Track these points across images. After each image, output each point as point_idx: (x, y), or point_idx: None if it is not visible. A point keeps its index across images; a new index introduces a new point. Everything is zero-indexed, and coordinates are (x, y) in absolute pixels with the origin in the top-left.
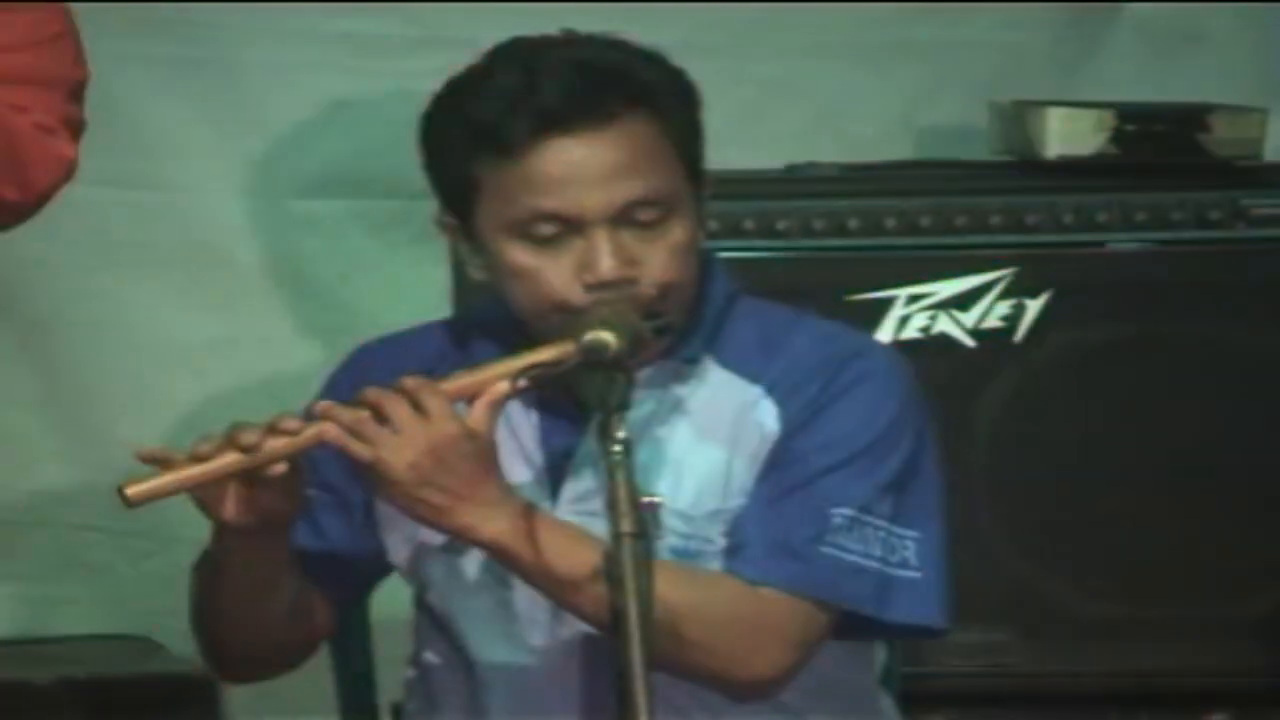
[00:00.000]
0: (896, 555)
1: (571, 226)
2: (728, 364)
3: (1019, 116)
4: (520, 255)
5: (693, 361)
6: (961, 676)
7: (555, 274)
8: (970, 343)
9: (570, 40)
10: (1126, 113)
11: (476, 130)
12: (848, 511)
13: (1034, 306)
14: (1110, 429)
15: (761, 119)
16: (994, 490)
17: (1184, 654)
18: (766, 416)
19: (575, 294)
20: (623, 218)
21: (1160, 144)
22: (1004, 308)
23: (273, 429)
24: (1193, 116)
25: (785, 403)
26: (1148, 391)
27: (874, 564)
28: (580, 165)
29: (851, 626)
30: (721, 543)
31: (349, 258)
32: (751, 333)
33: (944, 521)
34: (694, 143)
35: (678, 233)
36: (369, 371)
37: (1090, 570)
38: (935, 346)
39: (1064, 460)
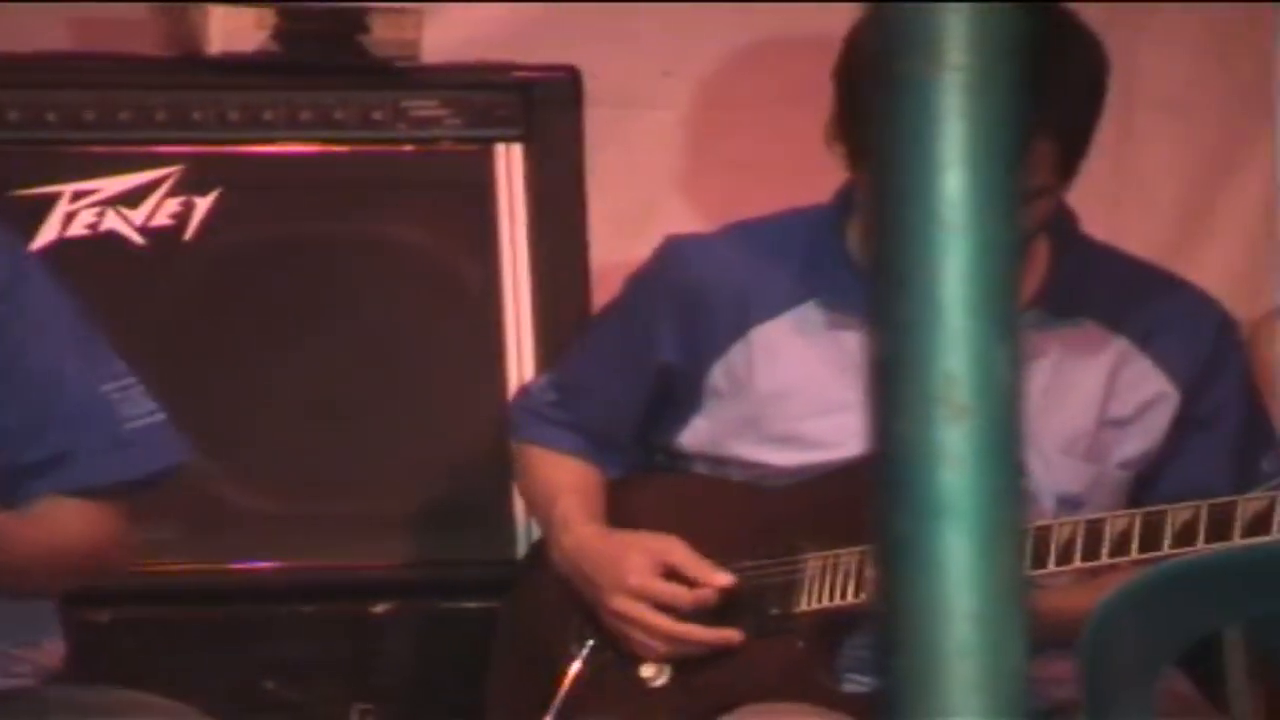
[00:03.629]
0: None
1: None
2: None
3: (182, 12)
4: None
5: None
6: (126, 575)
7: None
8: (140, 240)
9: None
10: (287, 10)
11: None
12: None
13: (203, 204)
14: (281, 327)
15: None
16: (165, 387)
17: (348, 548)
18: None
19: None
20: None
21: (321, 43)
22: (173, 205)
23: None
24: (352, 16)
25: None
26: (317, 290)
27: None
28: None
29: None
30: None
31: None
32: None
33: None
34: None
35: None
36: None
37: (258, 467)
38: (104, 244)
39: (235, 358)
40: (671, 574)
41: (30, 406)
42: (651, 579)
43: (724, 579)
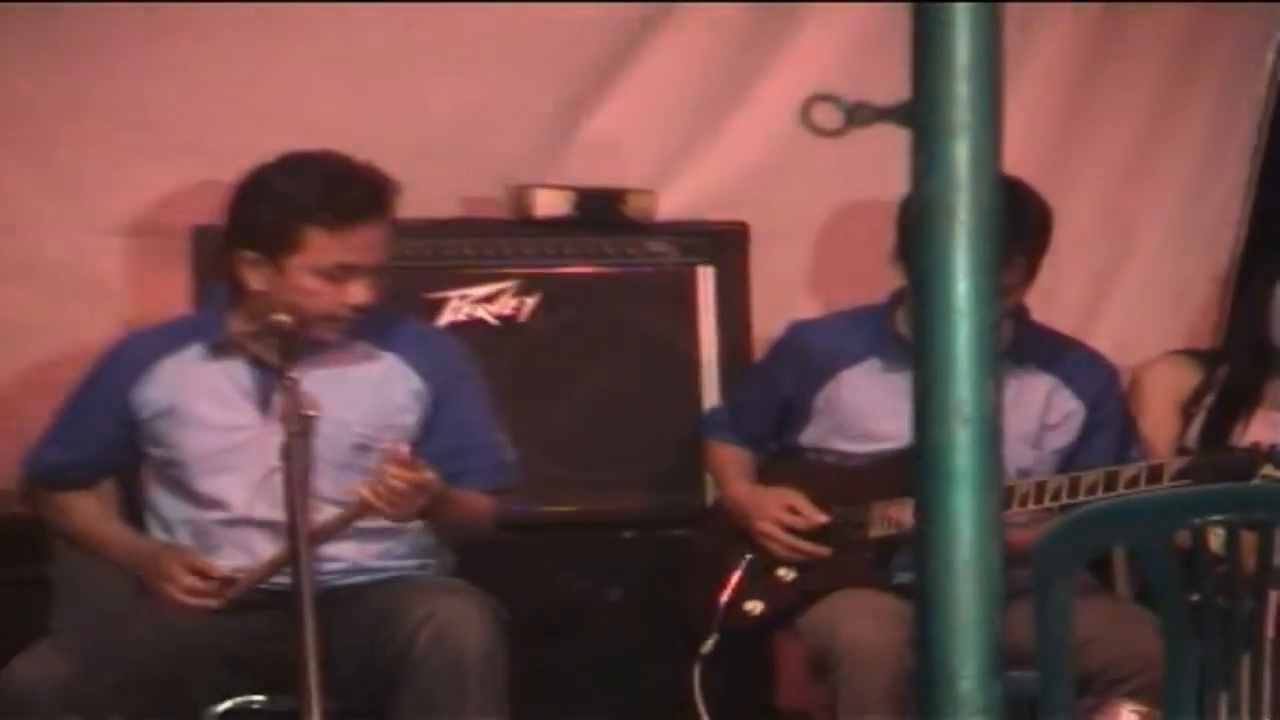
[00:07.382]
0: None
1: None
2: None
3: (521, 193)
4: None
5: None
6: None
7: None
8: (494, 322)
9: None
10: (584, 192)
11: None
12: None
13: (531, 302)
14: (576, 374)
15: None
16: (514, 409)
17: (611, 499)
18: None
19: None
20: None
21: (600, 209)
22: (514, 302)
23: None
24: (617, 195)
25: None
26: (594, 353)
27: None
28: None
29: None
30: None
31: None
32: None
33: None
34: None
35: None
36: None
37: (560, 451)
38: (475, 326)
39: (552, 391)
40: (792, 510)
41: (451, 441)
42: (781, 512)
43: (822, 517)
